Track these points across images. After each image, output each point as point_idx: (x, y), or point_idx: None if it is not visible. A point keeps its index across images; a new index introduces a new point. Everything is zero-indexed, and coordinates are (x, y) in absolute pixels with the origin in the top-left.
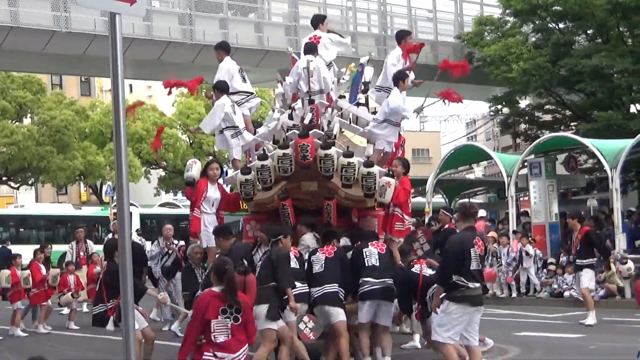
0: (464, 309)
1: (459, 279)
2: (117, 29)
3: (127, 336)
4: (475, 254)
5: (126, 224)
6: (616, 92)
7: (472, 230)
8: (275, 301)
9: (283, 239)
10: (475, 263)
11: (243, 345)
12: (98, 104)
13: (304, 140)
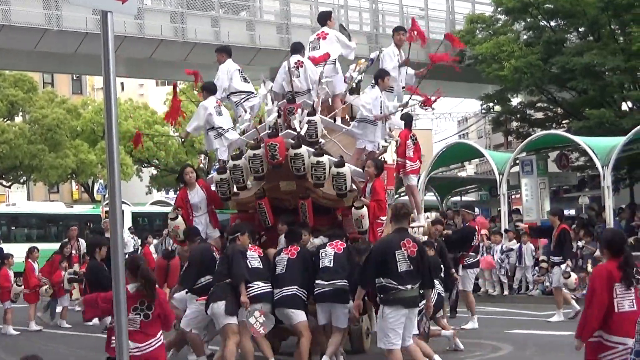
0: (398, 310)
1: (388, 281)
2: (108, 27)
3: (120, 335)
4: (403, 256)
5: (118, 222)
6: (608, 90)
7: (402, 232)
8: (232, 296)
9: (240, 236)
10: (404, 265)
11: (150, 339)
12: (90, 102)
13: (272, 140)
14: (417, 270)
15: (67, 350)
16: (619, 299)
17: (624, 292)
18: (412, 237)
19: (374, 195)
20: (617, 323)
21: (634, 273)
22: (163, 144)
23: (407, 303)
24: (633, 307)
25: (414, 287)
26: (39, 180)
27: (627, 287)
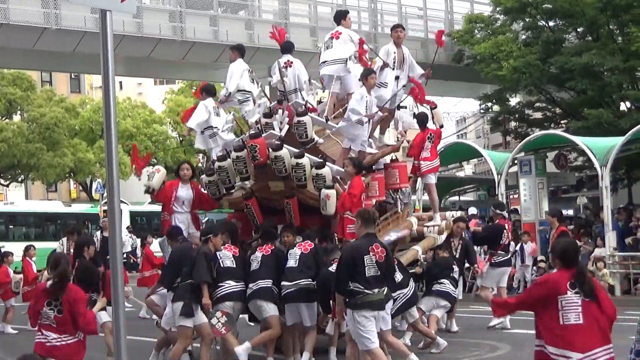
0: (367, 313)
1: (356, 286)
2: (107, 26)
3: (118, 335)
4: (372, 260)
5: (117, 221)
6: (606, 90)
7: (371, 237)
8: (191, 298)
9: (213, 237)
10: (372, 269)
11: (63, 334)
12: (88, 101)
13: (253, 141)
14: (384, 275)
15: None
16: (564, 311)
17: (570, 304)
18: (380, 242)
19: (349, 188)
20: (559, 335)
21: (588, 286)
22: (161, 143)
23: (374, 306)
24: (579, 321)
25: (380, 291)
26: (37, 179)
27: (582, 296)
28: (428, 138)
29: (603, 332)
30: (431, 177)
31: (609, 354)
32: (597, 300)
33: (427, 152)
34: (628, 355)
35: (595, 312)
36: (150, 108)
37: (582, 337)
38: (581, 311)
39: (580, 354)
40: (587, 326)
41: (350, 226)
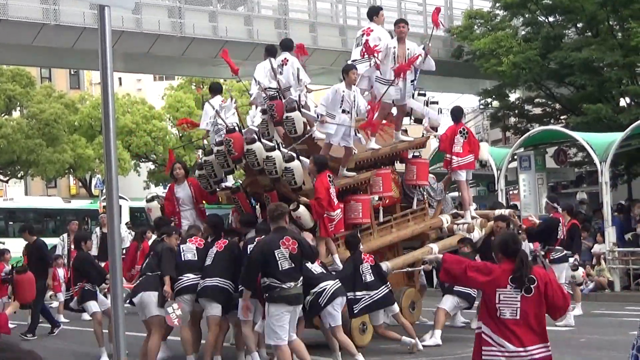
0: (282, 308)
1: (272, 280)
2: (106, 22)
3: (117, 330)
4: (283, 254)
5: (115, 217)
6: (606, 86)
7: (281, 231)
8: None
9: (166, 237)
10: (286, 263)
11: None
12: (87, 97)
13: (228, 136)
14: (299, 267)
15: (62, 345)
16: (501, 305)
17: (508, 298)
18: (292, 234)
19: (315, 193)
20: (497, 326)
21: (526, 276)
22: (161, 139)
23: (290, 300)
24: (515, 316)
25: (297, 285)
26: (37, 175)
27: (518, 289)
28: (460, 132)
29: (541, 329)
30: (461, 174)
31: (546, 352)
32: (539, 292)
33: (459, 147)
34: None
35: (534, 307)
36: (149, 104)
37: (519, 332)
38: (519, 307)
39: (514, 347)
40: (524, 322)
41: (333, 223)
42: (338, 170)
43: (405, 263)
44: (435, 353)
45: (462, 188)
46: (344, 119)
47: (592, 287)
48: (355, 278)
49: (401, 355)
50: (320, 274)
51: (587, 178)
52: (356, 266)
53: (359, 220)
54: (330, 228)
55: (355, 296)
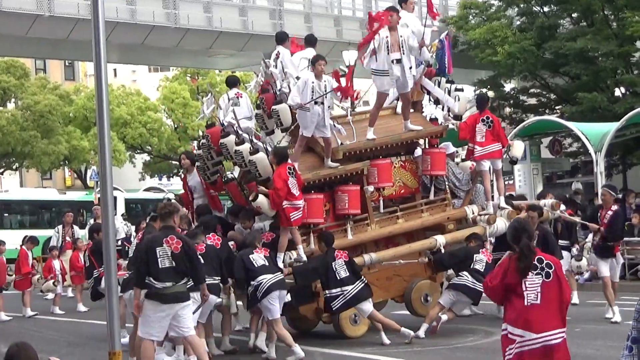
0: (156, 306)
1: (149, 279)
2: (99, 13)
3: (111, 320)
4: (165, 252)
5: (110, 209)
6: (601, 75)
7: (168, 230)
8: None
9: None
10: (167, 261)
11: None
12: (82, 89)
13: (208, 131)
14: (182, 267)
15: (57, 336)
16: (528, 292)
17: (532, 285)
18: (178, 235)
19: (273, 184)
20: (519, 315)
21: (529, 264)
22: (156, 130)
23: (165, 299)
24: (536, 301)
25: (177, 284)
26: (32, 167)
27: (521, 276)
28: (482, 121)
29: (562, 313)
30: (484, 164)
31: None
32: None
33: (481, 137)
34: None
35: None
36: (144, 95)
37: (540, 318)
38: (539, 291)
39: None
40: (545, 307)
41: (295, 213)
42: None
43: (398, 255)
44: (429, 343)
45: (484, 178)
46: (316, 110)
47: (587, 277)
48: (327, 276)
49: (395, 345)
50: (261, 267)
51: (582, 168)
52: (328, 264)
53: (346, 212)
54: (293, 217)
55: (330, 294)
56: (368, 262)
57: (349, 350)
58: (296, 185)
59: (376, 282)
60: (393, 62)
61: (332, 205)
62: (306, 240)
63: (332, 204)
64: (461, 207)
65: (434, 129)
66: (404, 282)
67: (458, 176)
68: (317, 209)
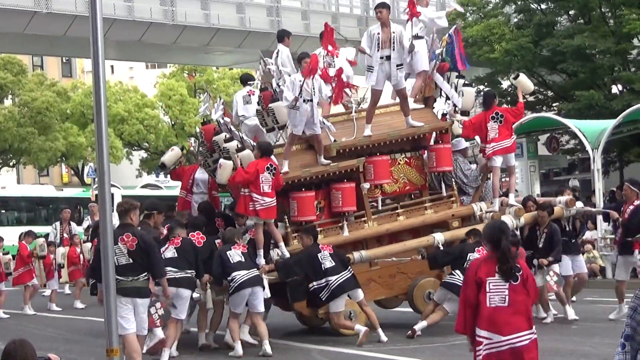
0: (123, 299)
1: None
2: (97, 10)
3: (109, 318)
4: (121, 250)
5: (107, 206)
6: (598, 73)
7: (125, 227)
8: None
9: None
10: (123, 259)
11: None
12: (79, 85)
13: (202, 128)
14: (139, 262)
15: (54, 333)
16: (491, 294)
17: (496, 287)
18: (134, 231)
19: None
20: (485, 317)
21: (512, 268)
22: (153, 127)
23: (127, 293)
24: (504, 303)
25: (136, 279)
26: (29, 164)
27: (504, 280)
28: (492, 118)
29: (528, 315)
30: (496, 160)
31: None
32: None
33: (495, 133)
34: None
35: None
36: (141, 92)
37: (507, 321)
38: (507, 294)
39: (503, 337)
40: (513, 310)
41: (249, 204)
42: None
43: (391, 252)
44: (426, 340)
45: (494, 174)
46: (305, 108)
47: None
48: (313, 268)
49: (393, 343)
50: (237, 263)
51: (579, 165)
52: (313, 256)
53: (340, 209)
54: (251, 207)
55: (318, 285)
56: (358, 260)
57: (346, 347)
58: (270, 183)
59: (378, 279)
60: (383, 58)
61: (327, 202)
62: (299, 237)
63: (327, 201)
64: (470, 204)
65: (436, 125)
66: (408, 280)
67: (466, 172)
68: (309, 207)
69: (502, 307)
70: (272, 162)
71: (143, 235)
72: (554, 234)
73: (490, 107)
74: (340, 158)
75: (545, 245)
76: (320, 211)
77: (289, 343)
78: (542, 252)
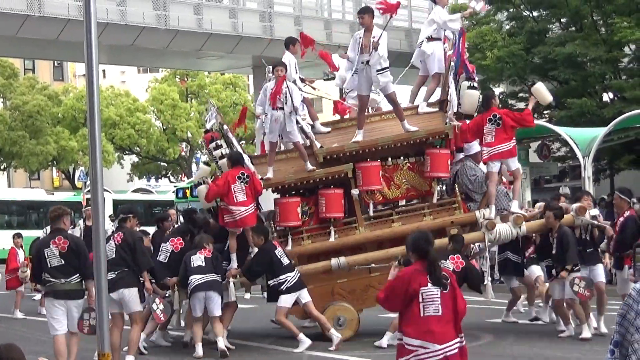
0: (52, 301)
1: (45, 275)
2: (91, 14)
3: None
4: (53, 252)
5: (100, 210)
6: (589, 80)
7: (56, 232)
8: (141, 285)
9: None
10: (55, 260)
11: None
12: (71, 89)
13: (204, 136)
14: (71, 264)
15: (45, 337)
16: (425, 303)
17: (430, 296)
18: (66, 235)
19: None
20: (419, 326)
21: (442, 276)
22: (144, 131)
23: (59, 295)
24: (437, 313)
25: (69, 281)
26: (20, 167)
27: (437, 289)
28: (489, 120)
29: (457, 322)
30: (492, 166)
31: (462, 344)
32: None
33: (491, 137)
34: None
35: (451, 302)
36: (133, 96)
37: (441, 329)
38: (440, 303)
39: (438, 346)
40: (445, 318)
41: (228, 216)
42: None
43: (370, 260)
44: None
45: (490, 180)
46: (278, 116)
47: None
48: (273, 264)
49: (383, 349)
50: (196, 267)
51: (570, 172)
52: (270, 252)
53: (325, 215)
54: (228, 219)
55: (277, 281)
56: (335, 267)
57: (337, 353)
58: (243, 191)
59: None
60: (363, 63)
61: (316, 208)
62: (284, 242)
63: (317, 207)
64: (474, 210)
65: (433, 130)
66: None
67: (471, 178)
68: (291, 213)
69: (437, 316)
70: (244, 170)
71: (74, 238)
72: (563, 237)
73: (487, 108)
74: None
75: (558, 251)
76: (309, 217)
77: (278, 348)
78: (556, 258)
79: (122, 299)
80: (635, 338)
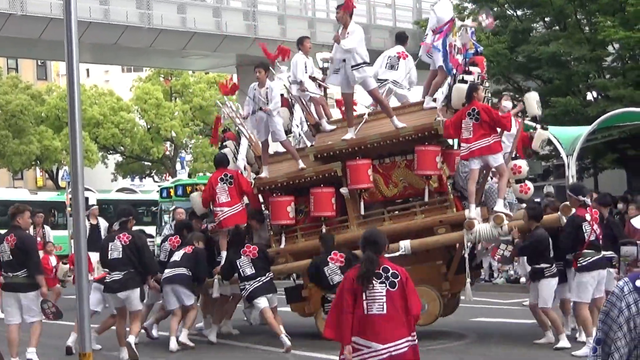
0: (5, 293)
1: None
2: (72, 13)
3: (82, 323)
4: (4, 249)
5: (81, 209)
6: (573, 79)
7: (10, 230)
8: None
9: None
10: (5, 256)
11: None
12: (54, 88)
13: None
14: (18, 260)
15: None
16: (368, 301)
17: (373, 294)
18: (17, 233)
19: None
20: (362, 325)
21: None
22: (128, 130)
23: (10, 288)
24: (382, 311)
25: (17, 275)
26: (3, 167)
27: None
28: (469, 115)
29: (407, 321)
30: (472, 163)
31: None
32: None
33: (469, 133)
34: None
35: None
36: (117, 96)
37: (386, 328)
38: (385, 301)
39: (381, 345)
40: (390, 317)
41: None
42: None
43: None
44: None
45: (470, 179)
46: (260, 116)
47: None
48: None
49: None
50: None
51: (554, 171)
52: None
53: (314, 213)
54: (217, 219)
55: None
56: None
57: (324, 352)
58: (226, 192)
59: None
60: (341, 61)
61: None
62: (278, 240)
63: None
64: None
65: (420, 126)
66: None
67: (462, 175)
68: (282, 211)
69: (381, 314)
70: (226, 171)
71: (23, 237)
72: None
73: (469, 101)
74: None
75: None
76: (305, 215)
77: (270, 349)
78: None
79: (126, 298)
80: (618, 336)
